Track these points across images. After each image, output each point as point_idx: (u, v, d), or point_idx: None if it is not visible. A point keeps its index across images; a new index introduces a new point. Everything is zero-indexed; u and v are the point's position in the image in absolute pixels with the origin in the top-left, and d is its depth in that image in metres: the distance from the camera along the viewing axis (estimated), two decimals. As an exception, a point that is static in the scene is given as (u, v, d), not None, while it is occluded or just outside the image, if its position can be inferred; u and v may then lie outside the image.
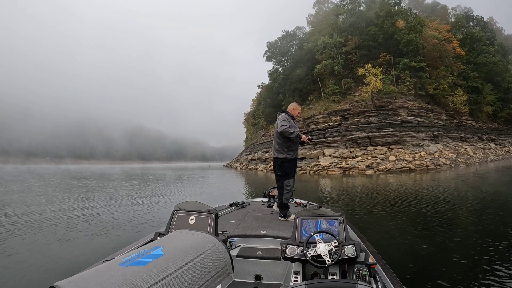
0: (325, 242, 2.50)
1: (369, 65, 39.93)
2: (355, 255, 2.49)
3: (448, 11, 78.11)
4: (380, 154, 33.80)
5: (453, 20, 69.11)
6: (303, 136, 4.86)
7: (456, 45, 52.29)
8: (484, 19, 72.13)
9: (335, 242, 2.49)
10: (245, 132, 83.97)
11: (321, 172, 32.69)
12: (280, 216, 4.69)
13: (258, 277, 3.15)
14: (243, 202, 5.79)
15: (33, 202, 12.78)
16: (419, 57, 42.83)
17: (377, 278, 2.38)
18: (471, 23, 68.52)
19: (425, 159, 32.69)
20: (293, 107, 5.13)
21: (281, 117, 4.90)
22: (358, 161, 32.98)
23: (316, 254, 2.46)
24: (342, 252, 2.47)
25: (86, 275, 1.38)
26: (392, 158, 32.46)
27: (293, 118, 4.98)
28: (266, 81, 66.12)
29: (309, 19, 62.29)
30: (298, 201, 5.83)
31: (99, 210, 10.60)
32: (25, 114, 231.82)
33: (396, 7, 48.67)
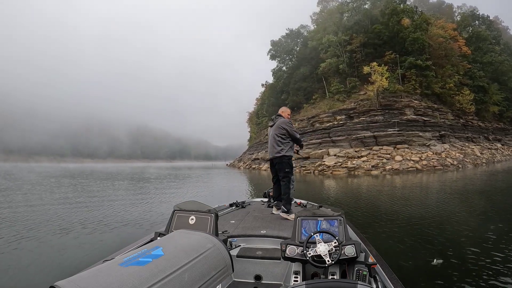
0: (325, 242, 2.50)
1: (375, 63, 39.35)
2: (355, 255, 2.49)
3: (454, 9, 77.57)
4: (386, 154, 33.26)
5: (459, 19, 68.53)
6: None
7: (462, 44, 51.70)
8: (490, 18, 71.58)
9: (335, 242, 2.50)
10: (249, 132, 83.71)
11: (325, 172, 32.21)
12: (283, 212, 4.77)
13: (258, 277, 3.15)
14: (243, 202, 5.82)
15: (28, 202, 12.53)
16: (425, 56, 42.15)
17: (377, 278, 2.38)
18: (476, 22, 67.98)
19: (432, 159, 32.17)
20: (288, 112, 5.58)
21: (286, 121, 5.25)
22: (363, 161, 32.46)
23: (316, 254, 2.46)
24: (342, 252, 2.47)
25: (86, 275, 1.38)
26: (398, 158, 31.94)
27: None
28: (270, 80, 65.67)
29: (313, 17, 61.78)
30: (298, 201, 5.82)
31: (99, 210, 10.54)
32: (29, 114, 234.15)
33: (401, 5, 47.92)
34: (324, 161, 34.49)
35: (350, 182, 21.65)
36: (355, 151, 34.73)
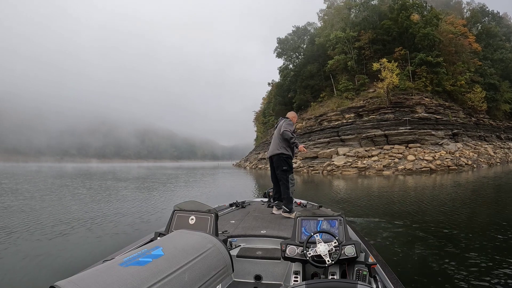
0: (325, 242, 2.50)
1: (385, 59, 38.21)
2: (355, 255, 2.48)
3: (463, 6, 76.16)
4: (398, 153, 32.20)
5: (468, 15, 67.38)
6: (300, 146, 5.17)
7: (472, 40, 50.50)
8: (499, 15, 70.31)
9: (335, 242, 2.50)
10: (255, 131, 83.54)
11: (335, 172, 31.35)
12: (284, 212, 4.83)
13: (258, 277, 3.16)
14: (243, 202, 5.82)
15: (27, 202, 12.40)
16: (436, 52, 40.89)
17: (377, 278, 2.36)
18: (486, 18, 66.74)
19: (446, 158, 31.04)
20: (293, 115, 5.65)
21: (286, 121, 5.38)
22: (374, 161, 31.47)
23: (316, 254, 2.46)
24: (342, 252, 2.47)
25: (86, 275, 1.38)
26: (411, 157, 30.86)
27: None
28: (277, 79, 64.89)
29: (320, 14, 60.71)
30: (298, 201, 5.79)
31: (99, 210, 10.58)
32: (36, 114, 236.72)
33: (410, 0, 46.63)
34: (333, 161, 33.59)
35: (361, 183, 21.07)
36: (365, 150, 33.74)
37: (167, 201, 13.07)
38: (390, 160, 30.99)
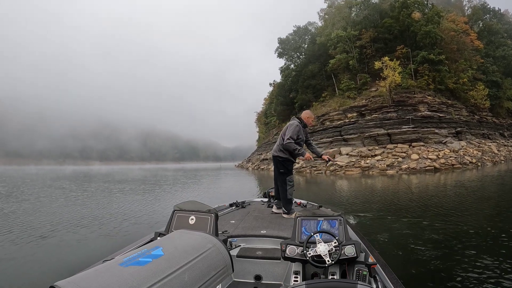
0: (325, 242, 2.50)
1: (386, 58, 38.03)
2: (355, 255, 2.48)
3: (464, 3, 75.91)
4: (402, 152, 31.92)
5: (469, 12, 67.11)
6: (307, 154, 4.99)
7: (474, 38, 50.13)
8: (501, 12, 69.98)
9: (335, 242, 2.50)
10: (257, 132, 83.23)
11: (338, 172, 31.09)
12: (284, 213, 4.81)
13: (258, 277, 3.17)
14: (243, 202, 5.80)
15: (27, 203, 12.65)
16: (437, 50, 40.64)
17: (377, 278, 2.36)
18: (487, 15, 66.46)
19: (450, 157, 30.72)
20: (308, 116, 5.28)
21: (292, 124, 5.04)
22: (378, 160, 31.21)
23: (316, 254, 2.46)
24: (342, 252, 2.47)
25: (86, 275, 1.38)
26: (414, 156, 30.56)
27: (305, 126, 5.20)
28: (278, 79, 64.74)
29: (321, 14, 60.56)
30: (298, 201, 5.74)
31: (99, 210, 10.66)
32: (38, 119, 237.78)
33: (411, -2, 46.48)
34: (336, 161, 33.28)
35: (364, 183, 20.83)
36: (369, 150, 33.49)
37: (167, 201, 13.09)
38: (393, 159, 30.73)
